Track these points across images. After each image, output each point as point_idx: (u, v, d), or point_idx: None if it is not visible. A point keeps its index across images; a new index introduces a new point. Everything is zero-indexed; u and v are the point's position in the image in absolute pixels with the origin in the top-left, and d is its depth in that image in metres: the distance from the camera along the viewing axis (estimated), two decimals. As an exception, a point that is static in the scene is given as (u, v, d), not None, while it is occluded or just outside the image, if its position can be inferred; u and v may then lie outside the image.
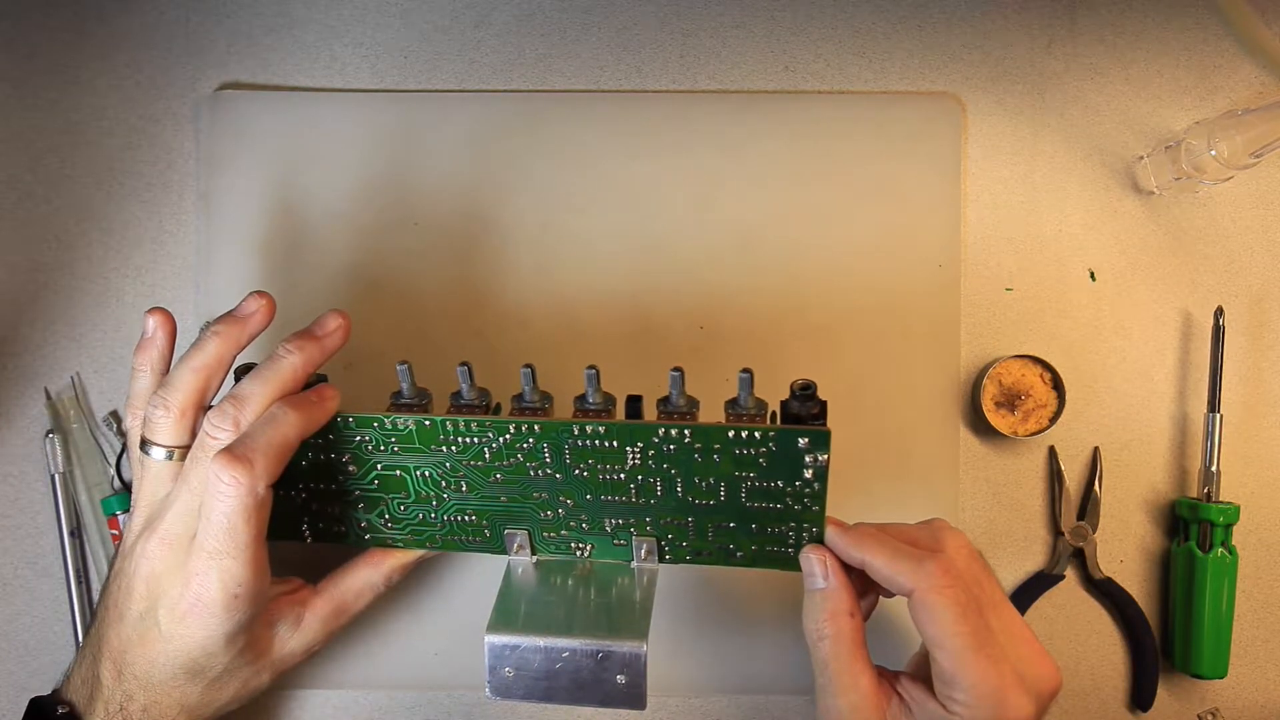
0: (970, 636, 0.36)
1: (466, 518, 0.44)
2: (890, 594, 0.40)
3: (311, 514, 0.44)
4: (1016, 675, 0.37)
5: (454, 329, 0.51)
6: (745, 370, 0.38)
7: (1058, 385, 0.50)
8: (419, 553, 0.45)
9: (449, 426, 0.41)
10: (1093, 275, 0.52)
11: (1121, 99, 0.52)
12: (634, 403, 0.41)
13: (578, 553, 0.44)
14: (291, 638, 0.43)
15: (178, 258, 0.51)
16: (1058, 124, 0.52)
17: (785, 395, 0.39)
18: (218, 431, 0.38)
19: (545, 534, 0.44)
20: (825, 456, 0.39)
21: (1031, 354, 0.50)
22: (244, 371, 0.42)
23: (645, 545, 0.43)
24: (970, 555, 0.39)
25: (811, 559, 0.40)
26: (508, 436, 0.40)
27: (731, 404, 0.40)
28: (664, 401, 0.40)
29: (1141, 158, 0.52)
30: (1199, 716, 0.51)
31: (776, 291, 0.51)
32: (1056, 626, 0.51)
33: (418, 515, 0.44)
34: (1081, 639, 0.51)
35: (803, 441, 0.38)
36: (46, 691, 0.41)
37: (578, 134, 0.51)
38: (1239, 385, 0.52)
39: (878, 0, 0.53)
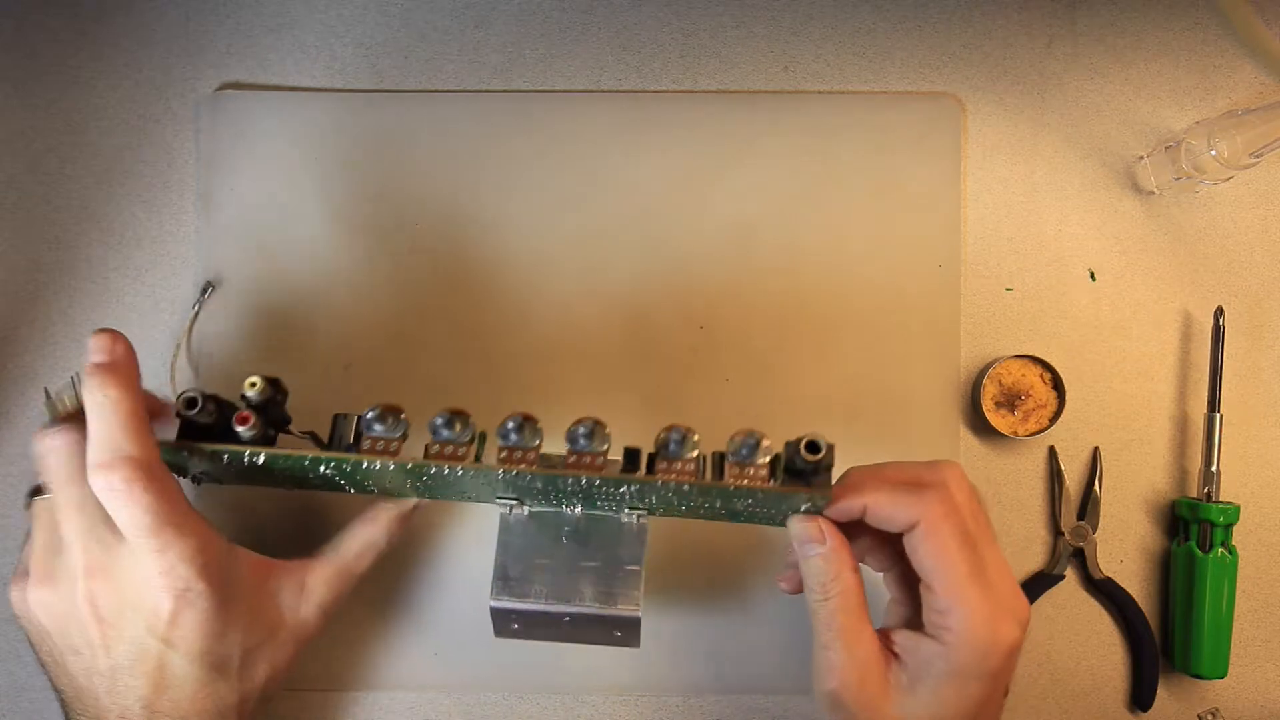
0: (968, 564, 0.37)
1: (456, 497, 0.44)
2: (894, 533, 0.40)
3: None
4: (1005, 605, 0.38)
5: (453, 329, 0.51)
6: (752, 435, 0.38)
7: (1058, 385, 0.50)
8: (414, 501, 0.45)
9: (431, 470, 0.39)
10: (1093, 275, 0.52)
11: (1121, 99, 0.52)
12: (631, 456, 0.40)
13: (569, 511, 0.43)
14: (301, 605, 0.42)
15: (178, 258, 0.51)
16: (1058, 124, 0.52)
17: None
18: (50, 457, 0.38)
19: (537, 503, 0.43)
20: (824, 502, 0.39)
21: (1031, 354, 0.50)
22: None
23: (638, 514, 0.43)
24: (970, 490, 0.40)
25: (805, 526, 0.40)
26: (496, 477, 0.39)
27: (733, 453, 0.39)
28: (662, 450, 0.39)
29: (1141, 158, 0.52)
30: (1199, 716, 0.51)
31: (776, 291, 0.51)
32: (1056, 626, 0.51)
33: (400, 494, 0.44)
34: (1081, 639, 0.51)
35: (805, 506, 0.39)
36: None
37: (578, 134, 0.51)
38: (1239, 385, 0.52)
39: (877, 0, 0.53)
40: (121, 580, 0.38)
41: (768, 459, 0.38)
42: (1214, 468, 0.50)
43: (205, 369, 0.50)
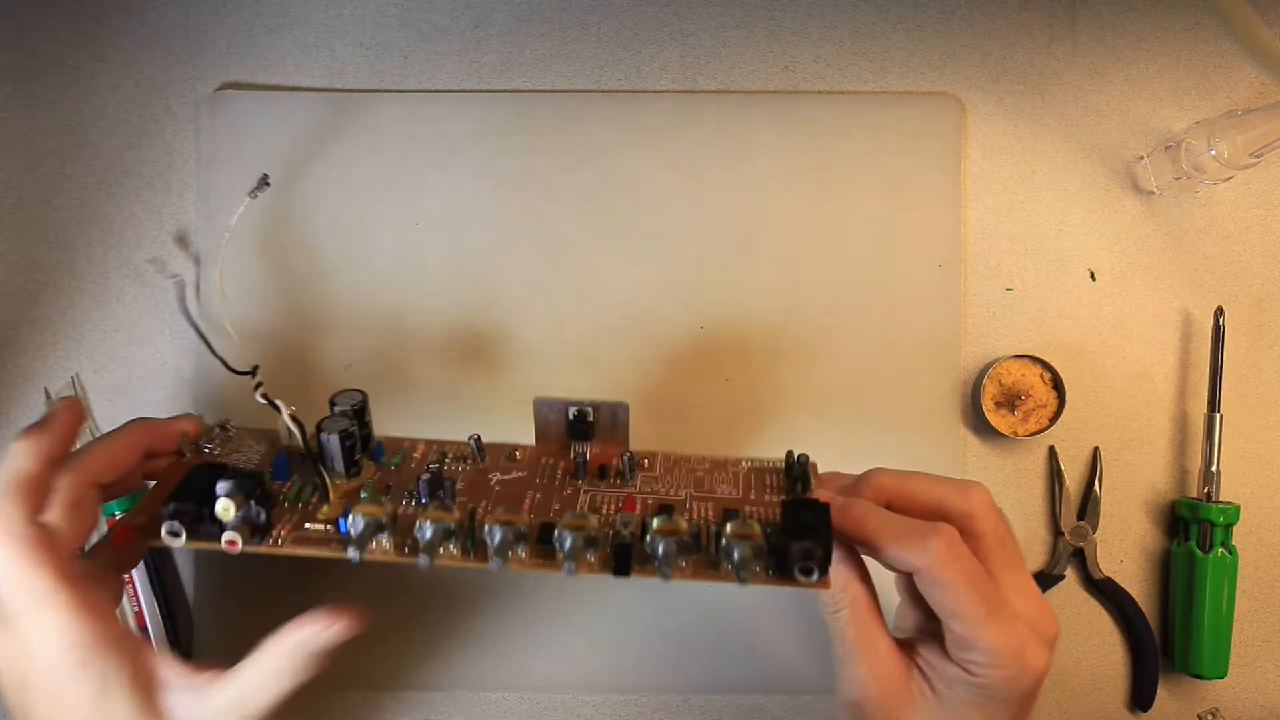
0: (983, 604, 0.36)
1: None
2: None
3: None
4: (1030, 629, 0.37)
5: (453, 329, 0.51)
6: (745, 545, 0.36)
7: (1058, 385, 0.50)
8: (345, 633, 0.38)
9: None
10: (1093, 275, 0.52)
11: (1121, 99, 0.52)
12: (622, 561, 0.37)
13: None
14: (194, 711, 0.37)
15: (177, 257, 0.51)
16: (1058, 124, 0.52)
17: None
18: None
19: None
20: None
21: (1031, 354, 0.50)
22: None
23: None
24: (997, 517, 0.39)
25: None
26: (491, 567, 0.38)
27: (726, 554, 0.37)
28: (653, 555, 0.37)
29: (1141, 158, 0.52)
30: (1199, 716, 0.51)
31: (776, 291, 0.51)
32: (1056, 626, 0.51)
33: None
34: (1081, 639, 0.51)
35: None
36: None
37: (578, 134, 0.51)
38: (1239, 385, 0.52)
39: (877, 0, 0.53)
40: (23, 643, 0.36)
41: (762, 558, 0.36)
42: (1214, 468, 0.50)
43: (205, 369, 0.50)
